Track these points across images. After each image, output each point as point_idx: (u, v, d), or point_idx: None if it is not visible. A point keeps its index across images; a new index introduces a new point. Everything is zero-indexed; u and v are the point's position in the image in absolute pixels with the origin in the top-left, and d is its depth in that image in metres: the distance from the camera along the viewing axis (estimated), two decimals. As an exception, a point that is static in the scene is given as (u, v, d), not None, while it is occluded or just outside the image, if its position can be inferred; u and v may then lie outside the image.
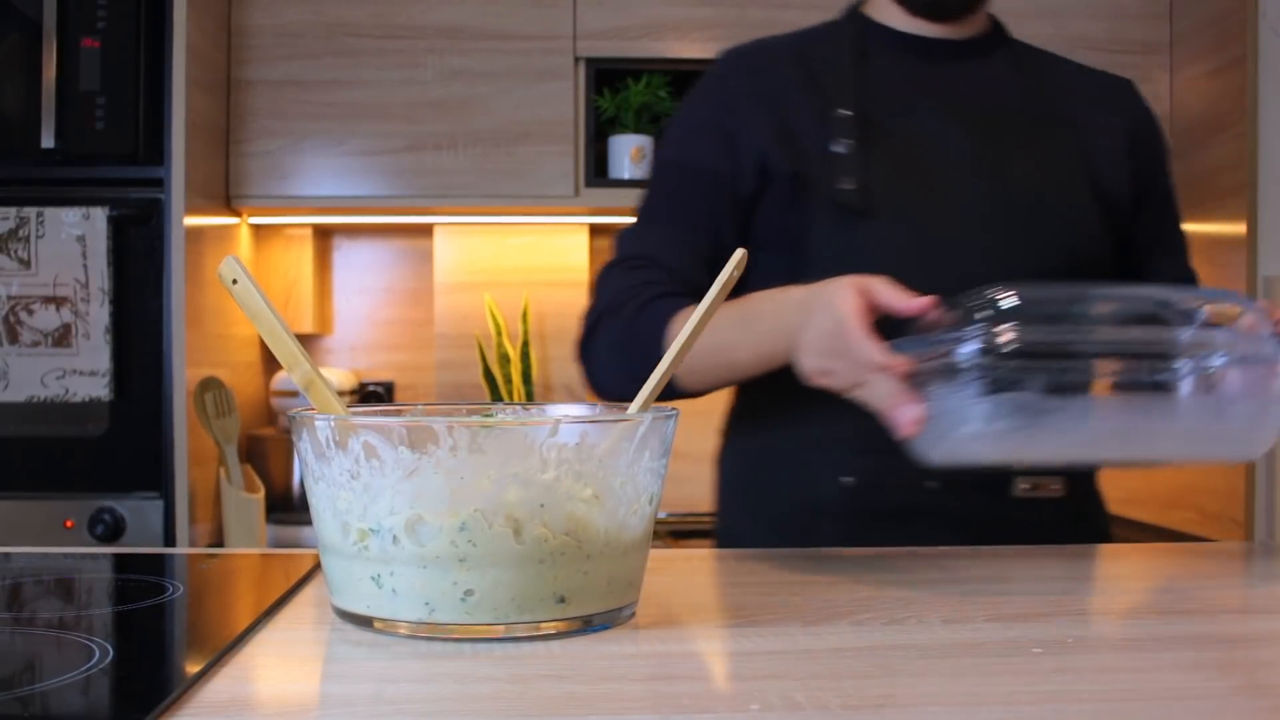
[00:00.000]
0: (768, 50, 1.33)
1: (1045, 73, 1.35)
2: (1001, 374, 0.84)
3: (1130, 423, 0.87)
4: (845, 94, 1.26)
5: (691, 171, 1.29)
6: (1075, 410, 0.86)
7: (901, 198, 1.22)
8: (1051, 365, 0.85)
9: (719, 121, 1.28)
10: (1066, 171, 1.28)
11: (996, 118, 1.28)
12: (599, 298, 1.28)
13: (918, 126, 1.26)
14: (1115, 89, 1.37)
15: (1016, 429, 0.85)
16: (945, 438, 0.88)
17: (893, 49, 1.31)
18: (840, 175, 1.21)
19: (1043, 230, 1.24)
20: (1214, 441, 0.89)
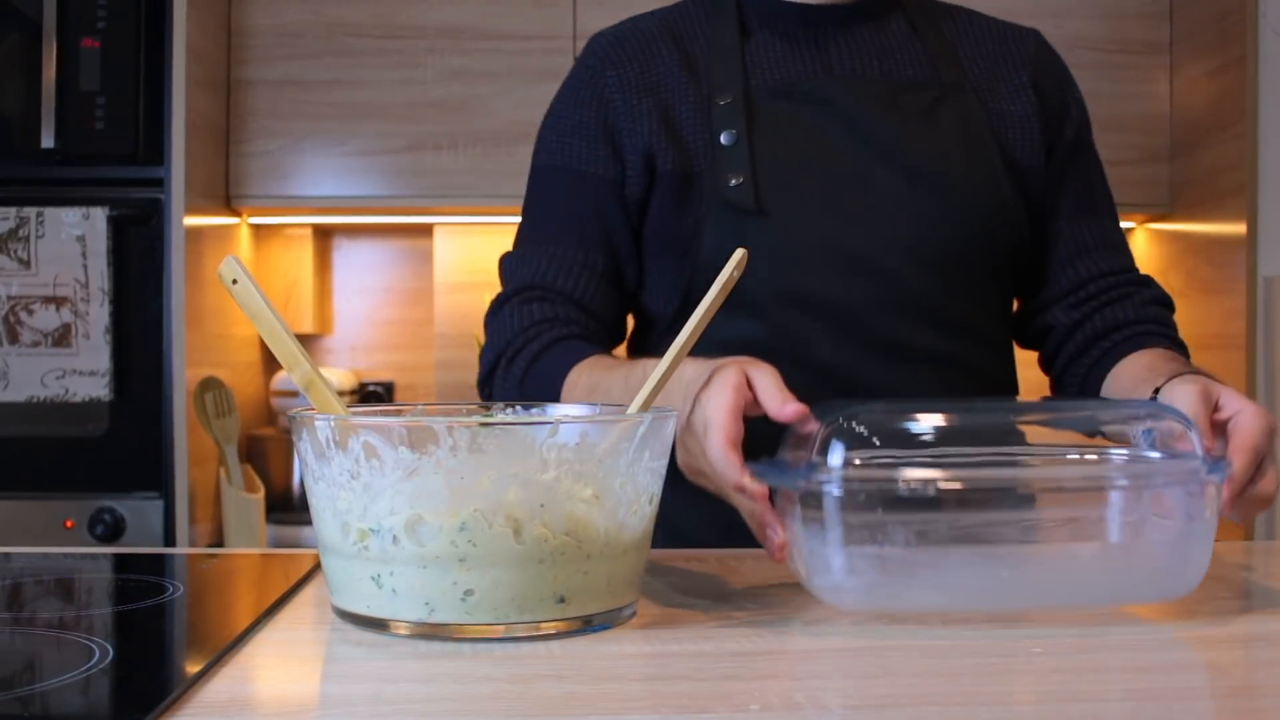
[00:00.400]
0: (640, 34, 1.22)
1: (945, 34, 1.25)
2: (857, 525, 0.76)
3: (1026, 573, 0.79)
4: (727, 78, 1.17)
5: (576, 179, 1.20)
6: (953, 563, 0.78)
7: (796, 189, 1.14)
8: (914, 517, 0.77)
9: (599, 120, 1.19)
10: (976, 143, 1.19)
11: (895, 90, 1.19)
12: (490, 340, 1.19)
13: (809, 108, 1.17)
14: (1019, 44, 1.27)
15: (879, 584, 0.77)
16: (809, 583, 0.81)
17: (775, 21, 1.22)
18: (728, 170, 1.13)
19: (954, 209, 1.16)
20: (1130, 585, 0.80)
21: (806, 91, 1.18)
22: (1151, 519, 0.80)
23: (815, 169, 1.15)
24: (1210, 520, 0.80)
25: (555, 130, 1.23)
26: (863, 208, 1.15)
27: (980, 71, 1.24)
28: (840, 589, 0.78)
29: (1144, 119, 2.49)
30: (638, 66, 1.20)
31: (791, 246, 1.14)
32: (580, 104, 1.22)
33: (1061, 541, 0.81)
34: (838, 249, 1.14)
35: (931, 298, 1.16)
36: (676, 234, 1.17)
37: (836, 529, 0.77)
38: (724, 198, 1.14)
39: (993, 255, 1.20)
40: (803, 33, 1.21)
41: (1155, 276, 2.26)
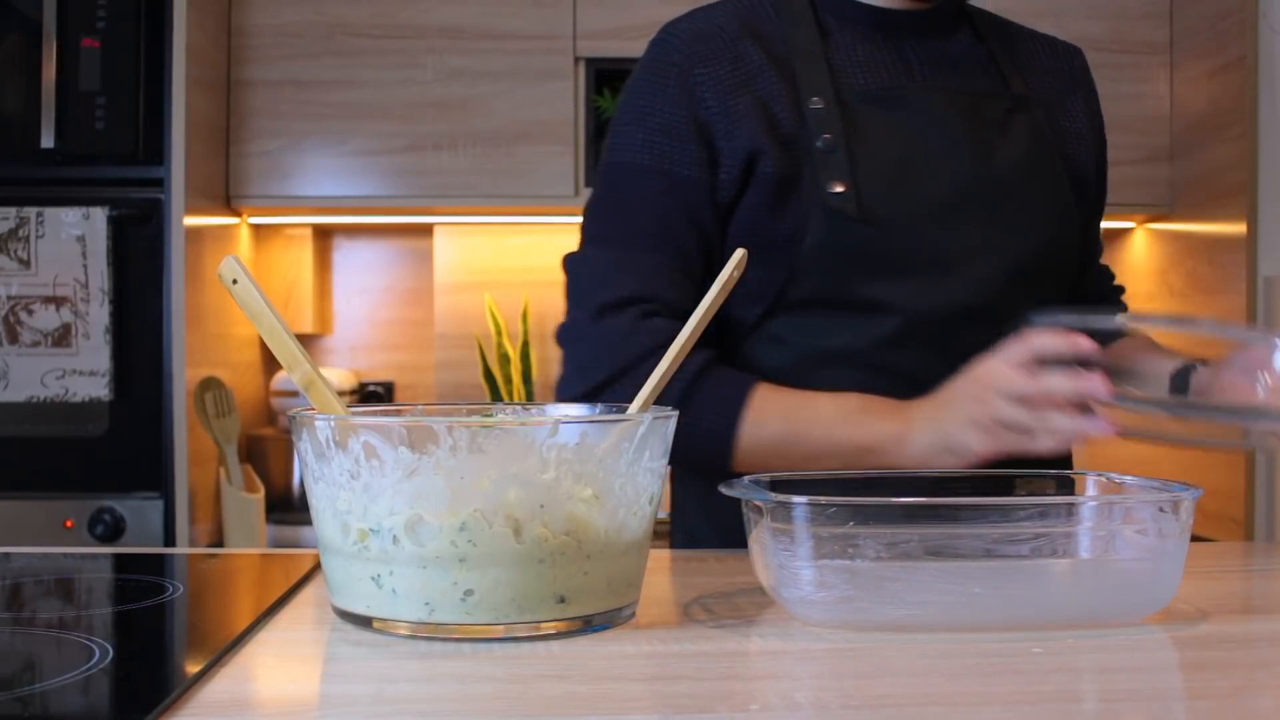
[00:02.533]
0: (720, 29, 1.17)
1: (1006, 46, 1.28)
2: (826, 538, 0.77)
3: (997, 588, 0.79)
4: (815, 80, 1.15)
5: (667, 180, 1.14)
6: (923, 578, 0.78)
7: (895, 197, 1.14)
8: (884, 531, 0.78)
9: (690, 119, 1.14)
10: (1044, 156, 1.22)
11: (976, 100, 1.20)
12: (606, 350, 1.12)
13: (899, 114, 1.17)
14: (1071, 61, 1.32)
15: (849, 598, 0.77)
16: (777, 595, 0.81)
17: (853, 23, 1.20)
18: (829, 176, 1.12)
19: (1031, 218, 1.19)
20: (1100, 602, 0.80)
21: (896, 98, 1.17)
22: (1122, 535, 0.81)
23: (906, 175, 1.15)
24: (1181, 538, 0.80)
25: (641, 127, 1.16)
26: (955, 215, 1.16)
27: (1041, 86, 1.27)
28: (809, 602, 0.78)
29: (1144, 119, 2.49)
30: (727, 64, 1.15)
31: (889, 252, 1.14)
32: (669, 101, 1.15)
33: (1033, 557, 0.81)
34: (931, 256, 1.16)
35: (1015, 305, 1.17)
36: (771, 237, 1.14)
37: (806, 542, 0.77)
38: (827, 204, 1.12)
39: (1061, 263, 1.24)
40: (881, 37, 1.20)
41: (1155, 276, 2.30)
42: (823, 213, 1.12)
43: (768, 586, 0.82)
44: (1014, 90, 1.23)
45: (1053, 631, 0.77)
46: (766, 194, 1.13)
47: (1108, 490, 0.90)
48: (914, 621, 0.78)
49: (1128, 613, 0.81)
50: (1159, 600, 0.81)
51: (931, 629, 0.78)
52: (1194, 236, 2.44)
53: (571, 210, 2.55)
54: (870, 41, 1.20)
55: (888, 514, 0.80)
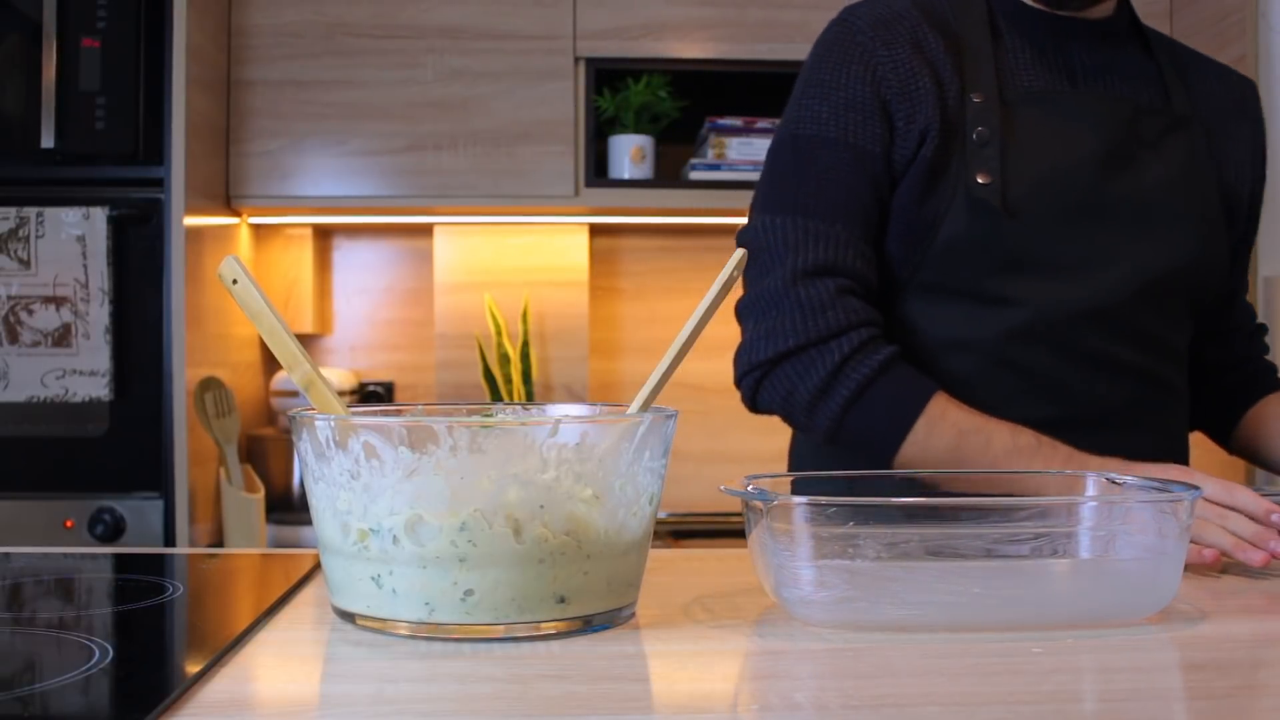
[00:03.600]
0: (902, 16, 1.20)
1: (1176, 65, 1.29)
2: (826, 538, 0.77)
3: (997, 588, 0.79)
4: (981, 75, 1.18)
5: (853, 154, 1.17)
6: (922, 579, 0.78)
7: (1038, 196, 1.16)
8: (884, 531, 0.78)
9: (875, 95, 1.17)
10: (1198, 179, 1.24)
11: (1134, 112, 1.22)
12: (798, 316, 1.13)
13: (1058, 118, 1.19)
14: (1243, 91, 1.34)
15: (848, 599, 0.77)
16: (776, 595, 0.81)
17: (1024, 26, 1.23)
18: (978, 167, 1.15)
19: (1172, 237, 1.21)
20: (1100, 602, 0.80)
21: (1055, 101, 1.20)
22: (1122, 535, 0.81)
23: (1057, 179, 1.17)
24: (1181, 539, 0.80)
25: (825, 101, 1.18)
26: (1085, 222, 1.18)
27: (1207, 110, 1.28)
28: (809, 602, 0.78)
29: (1144, 119, 2.49)
30: (909, 49, 1.18)
31: (1023, 250, 1.16)
32: (853, 78, 1.18)
33: (1033, 557, 0.81)
34: (1065, 257, 1.18)
35: (1139, 317, 1.21)
36: (912, 221, 1.17)
37: (806, 543, 0.77)
38: (972, 194, 1.14)
39: (1196, 284, 1.25)
40: (1050, 42, 1.23)
41: None
42: (965, 202, 1.15)
43: (768, 587, 0.82)
44: (1176, 108, 1.25)
45: (1053, 631, 0.77)
46: (919, 177, 1.16)
47: (1108, 490, 0.90)
48: (914, 621, 0.78)
49: (1128, 612, 0.81)
50: (1159, 600, 0.81)
51: (931, 629, 0.78)
52: (1194, 236, 2.43)
53: (571, 210, 2.55)
54: (1038, 46, 1.23)
55: (887, 514, 0.80)
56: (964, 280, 1.18)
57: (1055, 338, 1.18)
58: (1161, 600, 0.81)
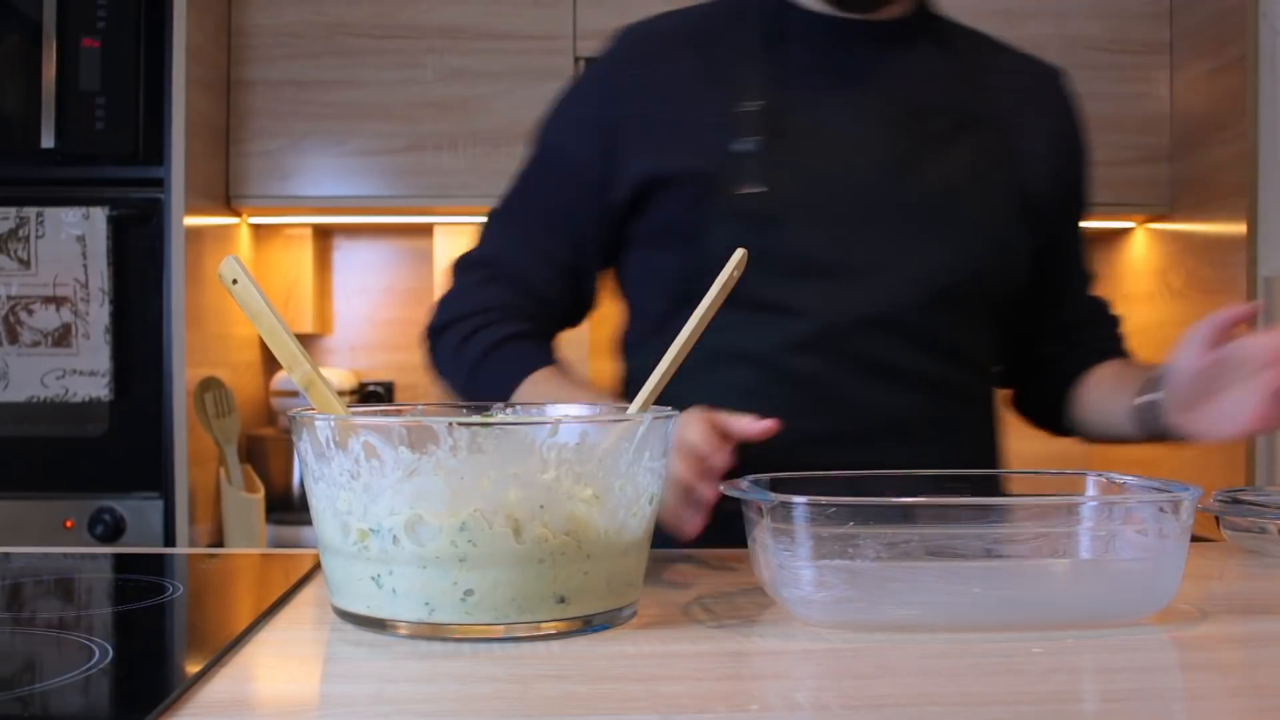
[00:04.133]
0: (667, 34, 1.23)
1: (974, 61, 1.26)
2: (827, 538, 0.77)
3: (997, 588, 0.79)
4: (754, 84, 1.17)
5: (563, 169, 1.22)
6: (923, 577, 0.79)
7: (806, 202, 1.15)
8: (884, 531, 0.79)
9: (602, 117, 1.20)
10: (991, 175, 1.20)
11: (918, 113, 1.19)
12: (446, 299, 1.25)
13: (832, 121, 1.17)
14: (1045, 81, 1.29)
15: (848, 598, 0.78)
16: (776, 595, 0.82)
17: (807, 32, 1.21)
18: (745, 176, 1.14)
19: (958, 238, 1.17)
20: (1100, 601, 0.81)
21: (829, 106, 1.18)
22: (1122, 535, 0.81)
23: (826, 183, 1.16)
24: (1181, 538, 0.80)
25: (563, 114, 1.24)
26: (867, 227, 1.15)
27: (1007, 105, 1.24)
28: (809, 602, 0.79)
29: (1144, 119, 2.49)
30: (660, 66, 1.20)
31: (795, 256, 1.14)
32: (589, 97, 1.23)
33: (1033, 557, 0.81)
34: (839, 263, 1.15)
35: (930, 324, 1.17)
36: (682, 233, 1.17)
37: (806, 542, 0.77)
38: (735, 203, 1.14)
39: (991, 287, 1.21)
40: (832, 47, 1.21)
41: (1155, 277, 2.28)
42: (731, 211, 1.14)
43: (767, 586, 0.82)
44: (969, 107, 1.22)
45: (1053, 632, 0.77)
46: (679, 191, 1.17)
47: (1108, 490, 0.90)
48: (914, 621, 0.78)
49: (1128, 612, 0.81)
50: (1159, 600, 0.81)
51: (931, 629, 0.78)
52: (1194, 236, 2.44)
53: (571, 210, 2.55)
54: (820, 52, 1.21)
55: (887, 514, 0.80)
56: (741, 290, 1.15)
57: (837, 347, 1.14)
58: (1161, 600, 0.81)
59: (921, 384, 1.17)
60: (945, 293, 1.17)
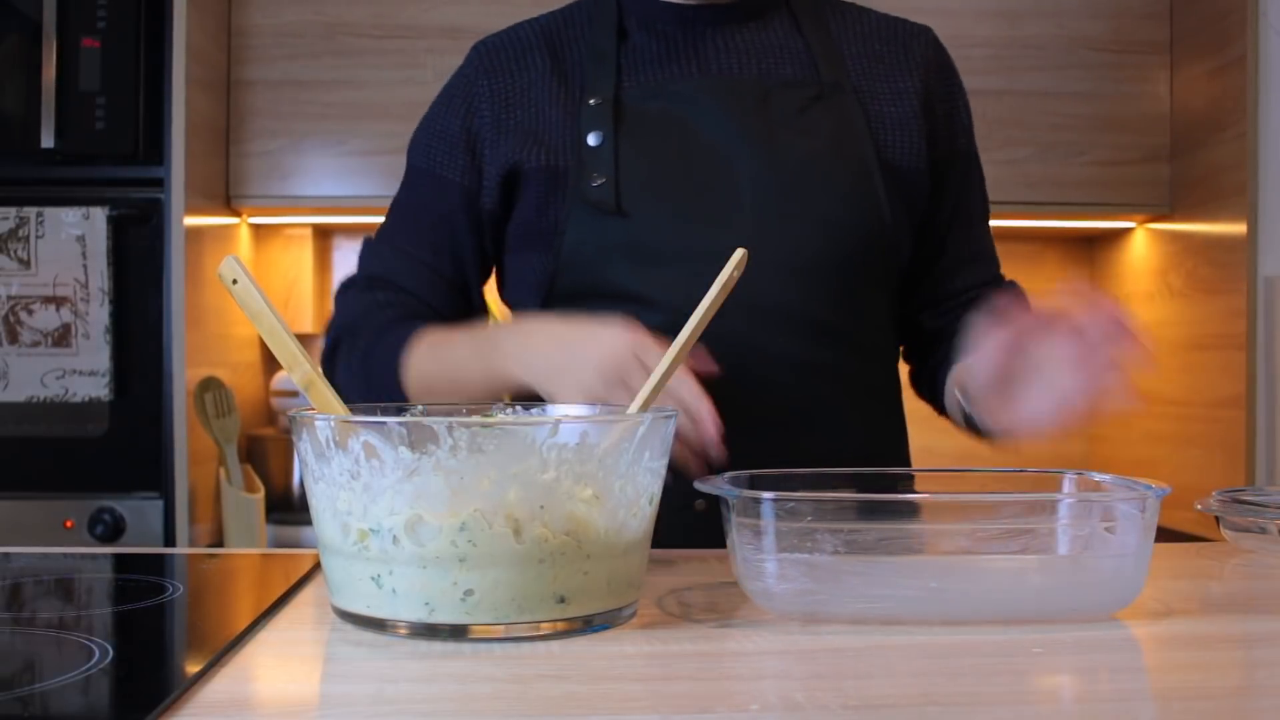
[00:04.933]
0: (516, 41, 1.25)
1: (831, 32, 1.25)
2: (787, 532, 0.79)
3: (954, 583, 0.81)
4: (600, 81, 1.19)
5: (435, 183, 1.24)
6: (879, 573, 0.80)
7: (656, 190, 1.15)
8: (844, 525, 0.80)
9: (464, 128, 1.23)
10: (850, 146, 1.18)
11: (767, 90, 1.18)
12: (336, 315, 1.25)
13: (678, 109, 1.17)
14: (908, 42, 1.26)
15: (809, 590, 0.79)
16: (744, 587, 0.83)
17: (653, 22, 1.22)
18: (591, 170, 1.15)
19: (819, 212, 1.15)
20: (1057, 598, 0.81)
21: (677, 92, 1.19)
22: (1081, 532, 0.81)
23: (678, 170, 1.16)
24: (1146, 535, 0.80)
25: (426, 133, 1.27)
26: (723, 209, 1.15)
27: (864, 71, 1.23)
28: (771, 594, 0.81)
29: (1144, 119, 2.49)
30: (509, 76, 1.23)
31: (648, 246, 1.15)
32: (450, 111, 1.25)
33: (990, 552, 0.82)
34: (692, 250, 1.13)
35: (791, 302, 1.15)
36: (539, 231, 1.19)
37: (769, 535, 0.79)
38: (585, 197, 1.15)
39: (863, 259, 1.18)
40: (680, 34, 1.22)
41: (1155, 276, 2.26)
42: (582, 205, 1.16)
43: (738, 579, 0.84)
44: (822, 77, 1.20)
45: (1053, 631, 0.77)
46: (534, 191, 1.19)
47: (1081, 489, 0.90)
48: (873, 615, 0.79)
49: (1092, 608, 0.81)
50: (1122, 598, 0.81)
51: (890, 622, 0.79)
52: (1194, 236, 2.44)
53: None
54: (666, 40, 1.22)
55: (846, 509, 0.82)
56: (597, 283, 1.16)
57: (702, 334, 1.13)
58: (1126, 597, 0.81)
59: (790, 367, 1.15)
60: (808, 272, 1.15)
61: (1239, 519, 1.07)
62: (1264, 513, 1.05)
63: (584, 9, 1.27)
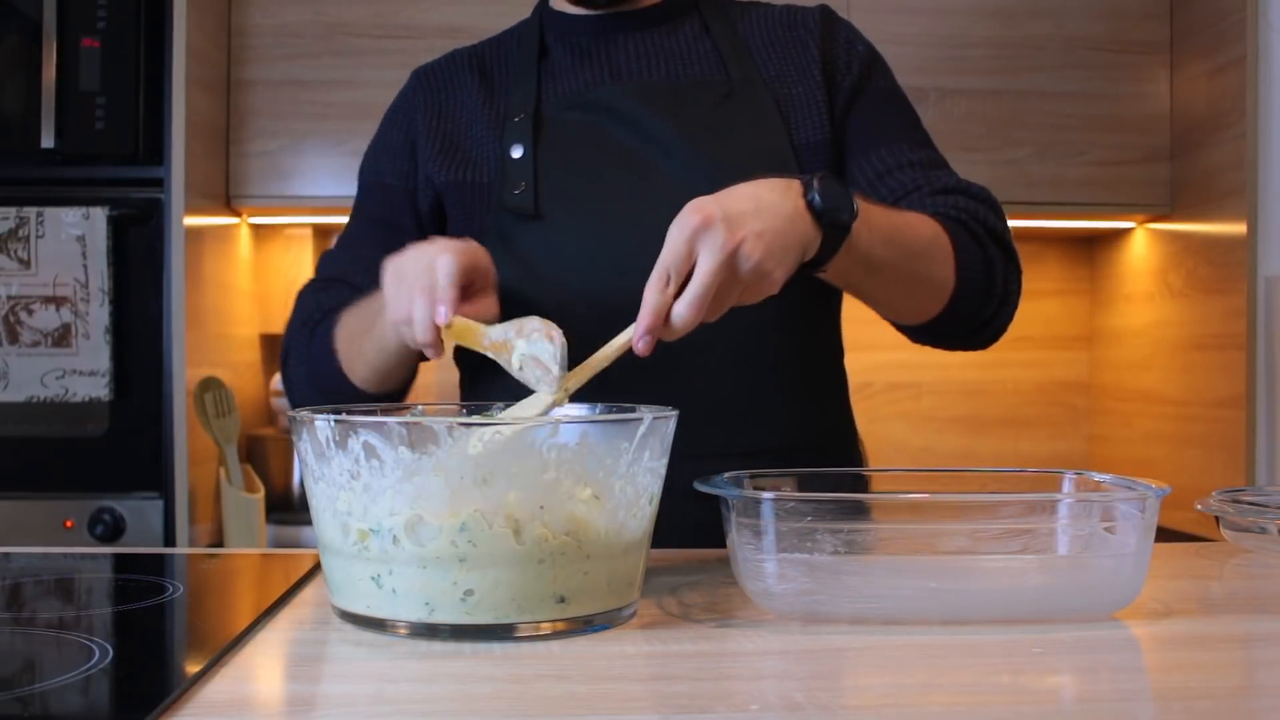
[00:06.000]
0: (452, 63, 1.34)
1: (738, 31, 1.28)
2: (787, 532, 0.80)
3: (953, 583, 0.81)
4: (522, 97, 1.25)
5: (383, 190, 1.31)
6: (878, 573, 0.81)
7: (573, 195, 1.19)
8: (843, 526, 0.81)
9: (404, 139, 1.31)
10: (765, 137, 1.20)
11: (677, 91, 1.22)
12: (292, 316, 1.30)
13: (592, 115, 1.22)
14: (805, 23, 1.28)
15: (808, 590, 0.80)
16: (743, 587, 0.84)
17: (568, 35, 1.28)
18: (512, 181, 1.20)
19: None
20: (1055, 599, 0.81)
21: (590, 100, 1.23)
22: (1080, 532, 0.81)
23: (594, 174, 1.20)
24: (1146, 535, 0.80)
25: (374, 148, 1.35)
26: (639, 209, 1.16)
27: (771, 61, 1.25)
28: (770, 594, 0.81)
29: (1144, 119, 2.49)
30: (442, 93, 1.31)
31: (567, 250, 1.18)
32: (393, 125, 1.34)
33: (988, 553, 0.82)
34: (611, 251, 1.16)
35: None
36: (471, 237, 1.20)
37: (769, 535, 0.79)
38: (506, 205, 1.20)
39: None
40: (592, 44, 1.27)
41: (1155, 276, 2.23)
42: (501, 214, 1.21)
43: (738, 579, 0.84)
44: (731, 75, 1.23)
45: (1053, 631, 0.77)
46: (459, 202, 1.25)
47: (1081, 489, 0.90)
48: (872, 615, 0.79)
49: (1088, 609, 0.81)
50: (1121, 599, 0.81)
51: (890, 622, 0.79)
52: (1194, 236, 2.44)
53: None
54: (580, 51, 1.27)
55: (846, 509, 0.82)
56: (524, 289, 1.17)
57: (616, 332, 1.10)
58: (1126, 597, 0.81)
59: (727, 362, 1.16)
60: None
61: (1239, 519, 1.07)
62: (1264, 513, 1.05)
63: (514, 33, 1.34)
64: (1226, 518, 1.08)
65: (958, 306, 1.17)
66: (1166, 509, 0.83)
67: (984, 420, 2.78)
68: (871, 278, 1.09)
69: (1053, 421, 2.83)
